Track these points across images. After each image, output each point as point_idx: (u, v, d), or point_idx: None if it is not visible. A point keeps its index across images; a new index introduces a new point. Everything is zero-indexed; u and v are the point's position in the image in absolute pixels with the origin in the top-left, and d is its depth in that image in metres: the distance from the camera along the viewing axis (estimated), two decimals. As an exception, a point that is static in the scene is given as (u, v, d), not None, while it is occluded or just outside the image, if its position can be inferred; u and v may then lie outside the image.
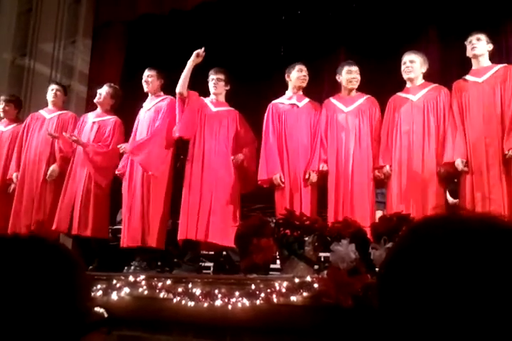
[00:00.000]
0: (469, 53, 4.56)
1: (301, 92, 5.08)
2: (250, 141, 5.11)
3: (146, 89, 5.31)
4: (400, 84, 4.90)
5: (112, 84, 5.61)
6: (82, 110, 6.30)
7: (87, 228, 5.09)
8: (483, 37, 4.49)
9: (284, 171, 4.82)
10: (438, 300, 0.65)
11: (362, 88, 4.98)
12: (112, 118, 5.46)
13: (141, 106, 5.38)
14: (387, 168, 4.57)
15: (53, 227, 5.11)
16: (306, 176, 4.73)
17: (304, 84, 5.03)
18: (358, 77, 4.86)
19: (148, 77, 5.28)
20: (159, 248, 4.93)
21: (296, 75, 4.99)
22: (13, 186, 5.54)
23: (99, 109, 5.53)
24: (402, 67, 4.71)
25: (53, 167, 5.37)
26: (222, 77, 5.12)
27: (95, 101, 5.51)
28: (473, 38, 4.50)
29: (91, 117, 5.50)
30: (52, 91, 5.69)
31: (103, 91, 5.48)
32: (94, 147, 5.26)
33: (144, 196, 4.95)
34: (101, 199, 5.21)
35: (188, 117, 4.99)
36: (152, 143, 4.99)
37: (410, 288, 0.67)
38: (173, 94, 5.42)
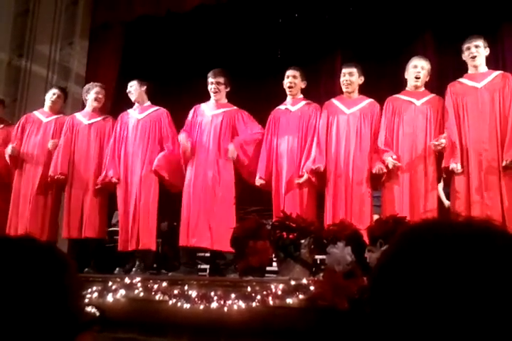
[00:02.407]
0: (468, 60, 4.55)
1: (300, 95, 5.07)
2: (251, 138, 5.06)
3: (132, 99, 5.34)
4: (396, 87, 4.91)
5: (103, 85, 5.61)
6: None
7: (91, 229, 5.15)
8: (481, 43, 4.49)
9: (272, 175, 4.86)
10: (429, 305, 0.65)
11: (360, 91, 4.98)
12: (106, 118, 5.48)
13: (123, 110, 5.40)
14: (391, 159, 4.49)
15: (63, 236, 5.19)
16: (296, 181, 4.72)
17: (292, 92, 4.99)
18: (353, 78, 4.83)
19: (130, 87, 5.32)
20: (154, 250, 5.02)
21: (284, 82, 5.01)
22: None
23: (89, 110, 5.50)
24: (413, 71, 4.69)
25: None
26: (221, 80, 5.10)
27: (95, 105, 5.45)
28: (471, 45, 4.48)
29: (83, 119, 5.46)
30: (54, 95, 5.61)
31: (100, 92, 5.46)
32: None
33: (143, 200, 5.01)
34: (100, 199, 5.25)
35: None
36: (171, 160, 5.10)
37: (402, 291, 0.68)
38: (169, 95, 5.44)
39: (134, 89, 5.32)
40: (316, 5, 6.66)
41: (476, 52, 4.48)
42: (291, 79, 4.98)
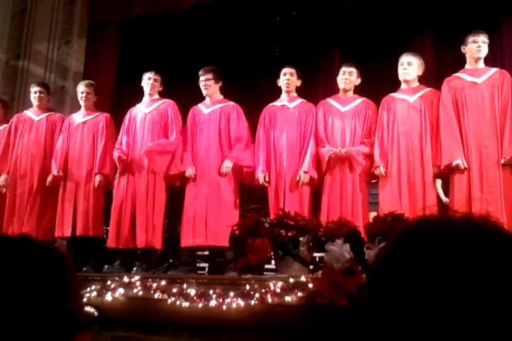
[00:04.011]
0: (472, 53, 4.50)
1: (294, 94, 5.08)
2: (241, 135, 5.04)
3: (149, 92, 5.29)
4: (394, 84, 4.91)
5: (91, 82, 5.59)
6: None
7: (88, 228, 5.13)
8: (486, 40, 4.49)
9: (272, 171, 4.86)
10: (426, 300, 0.65)
11: (357, 88, 4.99)
12: (100, 115, 5.45)
13: (130, 104, 5.37)
14: (382, 168, 4.58)
15: (56, 235, 5.16)
16: (298, 178, 4.73)
17: (289, 88, 5.01)
18: (352, 78, 4.86)
19: (154, 81, 5.27)
20: (160, 249, 5.02)
21: (281, 79, 5.03)
22: (4, 190, 5.47)
23: (83, 109, 5.49)
24: (399, 69, 4.71)
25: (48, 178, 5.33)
26: (209, 76, 5.11)
27: (83, 104, 5.45)
28: (479, 39, 4.45)
29: (78, 118, 5.46)
30: (35, 94, 5.60)
31: (84, 90, 5.44)
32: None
33: (149, 198, 4.99)
34: (98, 198, 5.23)
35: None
36: (168, 151, 5.06)
37: (399, 287, 0.67)
38: (169, 95, 5.43)
39: (156, 85, 5.29)
40: (314, 3, 6.66)
41: (484, 46, 4.47)
42: (288, 76, 5.01)
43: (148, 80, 5.29)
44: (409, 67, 4.67)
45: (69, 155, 5.32)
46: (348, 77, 4.86)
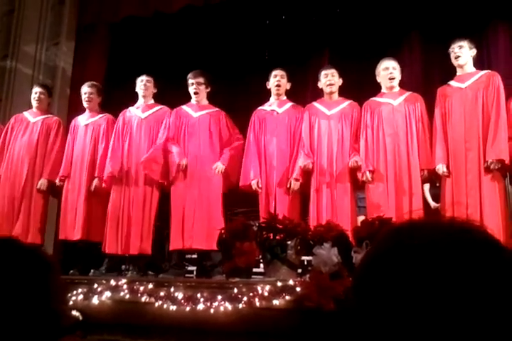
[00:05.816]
0: (453, 61, 4.60)
1: (284, 97, 5.08)
2: (234, 141, 5.06)
3: (143, 94, 5.25)
4: (381, 88, 4.94)
5: (94, 83, 5.56)
6: (64, 112, 6.24)
7: (90, 232, 5.09)
8: (465, 44, 4.54)
9: (262, 176, 4.85)
10: (412, 304, 0.65)
11: (346, 91, 5.01)
12: (103, 116, 5.41)
13: (124, 107, 5.33)
14: (368, 174, 4.59)
15: (60, 237, 5.13)
16: (288, 185, 4.74)
17: (279, 91, 5.01)
18: (335, 79, 4.88)
19: (148, 82, 5.26)
20: (149, 254, 4.97)
21: (271, 82, 5.02)
22: None
23: (87, 111, 5.46)
24: (385, 73, 4.74)
25: (42, 181, 5.29)
26: (201, 80, 5.10)
27: (86, 105, 5.42)
28: (455, 46, 4.54)
29: (82, 120, 5.43)
30: (36, 94, 5.56)
31: (87, 91, 5.41)
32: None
33: (146, 204, 4.97)
34: (99, 202, 5.18)
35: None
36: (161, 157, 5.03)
37: (384, 291, 0.68)
38: (157, 97, 5.42)
39: (150, 86, 5.26)
40: (304, 7, 6.68)
41: (460, 52, 4.53)
42: (279, 77, 5.01)
43: (140, 83, 5.27)
44: (394, 71, 4.73)
45: (72, 157, 5.28)
46: (331, 78, 4.88)
